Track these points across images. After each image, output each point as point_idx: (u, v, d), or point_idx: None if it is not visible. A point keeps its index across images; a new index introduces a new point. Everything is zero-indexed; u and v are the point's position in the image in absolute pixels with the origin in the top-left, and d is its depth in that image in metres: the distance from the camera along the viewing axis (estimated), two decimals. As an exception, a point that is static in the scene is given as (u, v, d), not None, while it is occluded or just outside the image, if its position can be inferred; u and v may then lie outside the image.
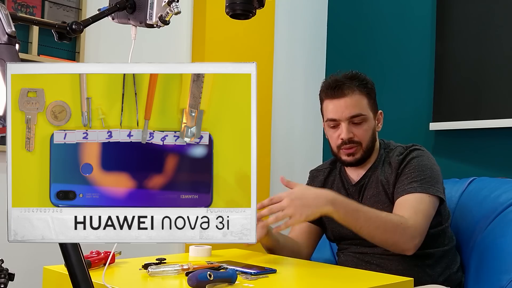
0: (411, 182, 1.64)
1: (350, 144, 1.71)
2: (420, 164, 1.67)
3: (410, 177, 1.65)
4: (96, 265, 1.33)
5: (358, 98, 1.71)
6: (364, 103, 1.72)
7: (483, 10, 2.71)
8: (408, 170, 1.67)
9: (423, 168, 1.66)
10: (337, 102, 1.71)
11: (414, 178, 1.64)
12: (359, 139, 1.71)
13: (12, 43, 0.77)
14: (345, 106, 1.70)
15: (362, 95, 1.73)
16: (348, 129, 1.70)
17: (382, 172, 1.73)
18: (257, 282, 1.26)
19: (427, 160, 1.69)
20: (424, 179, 1.64)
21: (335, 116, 1.71)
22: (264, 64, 3.07)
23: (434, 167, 1.69)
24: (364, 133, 1.72)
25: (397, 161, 1.70)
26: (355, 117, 1.70)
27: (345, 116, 1.70)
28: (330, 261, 2.00)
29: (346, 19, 3.38)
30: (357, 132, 1.71)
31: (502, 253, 1.69)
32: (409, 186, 1.63)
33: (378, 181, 1.72)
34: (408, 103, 3.03)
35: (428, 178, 1.65)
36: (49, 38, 2.32)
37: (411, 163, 1.68)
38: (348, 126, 1.70)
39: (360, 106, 1.71)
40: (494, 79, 2.66)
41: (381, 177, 1.72)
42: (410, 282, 1.34)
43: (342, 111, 1.70)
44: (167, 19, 0.98)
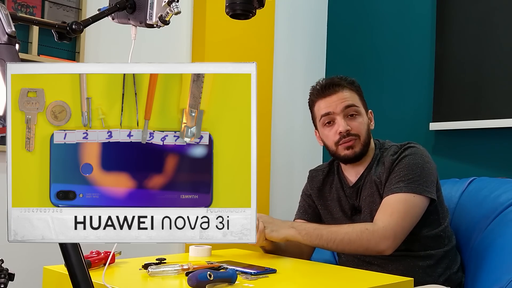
0: (398, 181, 1.64)
1: (349, 137, 1.71)
2: (411, 163, 1.66)
3: (398, 176, 1.65)
4: (96, 265, 1.33)
5: (349, 92, 1.74)
6: (356, 97, 1.75)
7: (483, 10, 2.71)
8: (398, 169, 1.66)
9: (413, 167, 1.65)
10: (329, 98, 1.73)
11: (402, 177, 1.64)
12: (357, 131, 1.72)
13: (12, 43, 0.77)
14: (338, 99, 1.72)
15: (352, 91, 1.75)
16: (344, 122, 1.71)
17: (375, 172, 1.73)
18: (257, 282, 1.26)
19: (419, 159, 1.68)
20: (412, 179, 1.63)
21: (329, 109, 1.72)
22: (264, 64, 3.07)
23: (425, 166, 1.67)
24: (360, 126, 1.72)
25: (390, 160, 1.70)
26: (350, 108, 1.71)
27: (339, 108, 1.71)
28: (330, 261, 2.00)
29: (346, 19, 3.38)
30: (353, 125, 1.72)
31: (502, 253, 1.69)
32: (395, 186, 1.63)
33: (372, 181, 1.72)
34: (408, 103, 3.03)
35: (417, 178, 1.64)
36: (49, 38, 2.32)
37: (402, 161, 1.67)
38: (344, 119, 1.71)
39: (352, 98, 1.73)
40: (494, 79, 2.66)
41: (374, 176, 1.72)
42: (410, 282, 1.34)
43: (336, 104, 1.71)
44: (167, 19, 0.98)
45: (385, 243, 1.57)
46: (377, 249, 1.58)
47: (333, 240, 1.58)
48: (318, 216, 1.86)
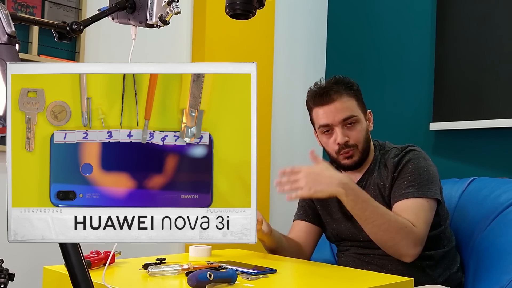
0: (408, 186, 1.64)
1: (347, 149, 1.71)
2: (417, 167, 1.66)
3: (407, 181, 1.65)
4: (96, 265, 1.33)
5: (347, 101, 1.71)
6: (353, 105, 1.73)
7: (483, 10, 2.71)
8: (405, 174, 1.66)
9: (420, 171, 1.66)
10: (327, 108, 1.71)
11: (412, 182, 1.64)
12: (355, 141, 1.72)
13: (12, 43, 0.77)
14: (336, 110, 1.70)
15: (350, 97, 1.73)
16: (342, 133, 1.70)
17: (379, 175, 1.73)
18: (257, 282, 1.26)
19: (423, 162, 1.69)
20: (421, 183, 1.64)
21: (328, 121, 1.71)
22: (264, 64, 3.07)
23: (430, 169, 1.68)
24: (358, 135, 1.72)
25: (392, 163, 1.70)
26: (348, 119, 1.70)
27: (337, 120, 1.70)
28: (330, 261, 2.00)
29: (346, 19, 3.38)
30: (352, 135, 1.71)
31: (502, 253, 1.69)
32: (406, 190, 1.63)
33: (374, 184, 1.72)
34: (408, 103, 3.03)
35: (425, 181, 1.64)
36: (49, 38, 2.32)
37: (407, 166, 1.67)
38: (342, 129, 1.70)
39: (350, 108, 1.71)
40: (494, 79, 2.66)
41: (378, 180, 1.72)
42: (410, 282, 1.34)
43: (334, 115, 1.70)
44: (167, 19, 0.98)
45: (414, 250, 1.56)
46: (402, 251, 1.56)
47: (372, 220, 1.54)
48: (318, 217, 1.86)
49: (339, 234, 1.79)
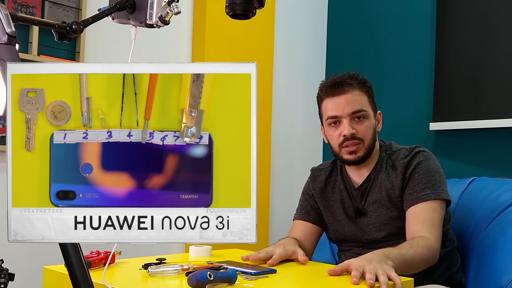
0: (423, 188, 1.63)
1: (353, 141, 1.68)
2: (429, 168, 1.66)
3: (421, 183, 1.64)
4: (96, 265, 1.33)
5: (358, 95, 1.69)
6: (364, 100, 1.71)
7: (483, 10, 2.71)
8: (418, 176, 1.65)
9: (432, 172, 1.66)
10: (338, 99, 1.69)
11: (426, 184, 1.64)
12: (362, 135, 1.68)
13: (12, 43, 0.77)
14: (346, 102, 1.68)
15: (362, 92, 1.71)
16: (350, 125, 1.67)
17: (387, 176, 1.71)
18: (257, 282, 1.26)
19: (433, 163, 1.69)
20: (435, 185, 1.64)
21: (336, 112, 1.69)
22: (264, 64, 3.07)
23: (440, 170, 1.69)
24: (366, 130, 1.69)
25: (402, 164, 1.69)
26: (357, 113, 1.68)
27: (346, 112, 1.67)
28: (330, 261, 2.00)
29: (346, 19, 3.38)
30: (359, 129, 1.68)
31: (502, 253, 1.69)
32: (422, 193, 1.63)
33: (382, 185, 1.70)
34: (408, 103, 3.03)
35: (438, 183, 1.65)
36: (49, 38, 2.32)
37: (419, 167, 1.66)
38: (350, 122, 1.67)
39: (360, 102, 1.69)
40: (494, 79, 2.66)
41: (385, 181, 1.70)
42: (410, 282, 1.34)
43: (343, 107, 1.68)
44: (167, 19, 0.98)
45: (437, 257, 1.58)
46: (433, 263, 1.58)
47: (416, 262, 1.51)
48: (320, 218, 1.84)
49: (342, 235, 1.78)
